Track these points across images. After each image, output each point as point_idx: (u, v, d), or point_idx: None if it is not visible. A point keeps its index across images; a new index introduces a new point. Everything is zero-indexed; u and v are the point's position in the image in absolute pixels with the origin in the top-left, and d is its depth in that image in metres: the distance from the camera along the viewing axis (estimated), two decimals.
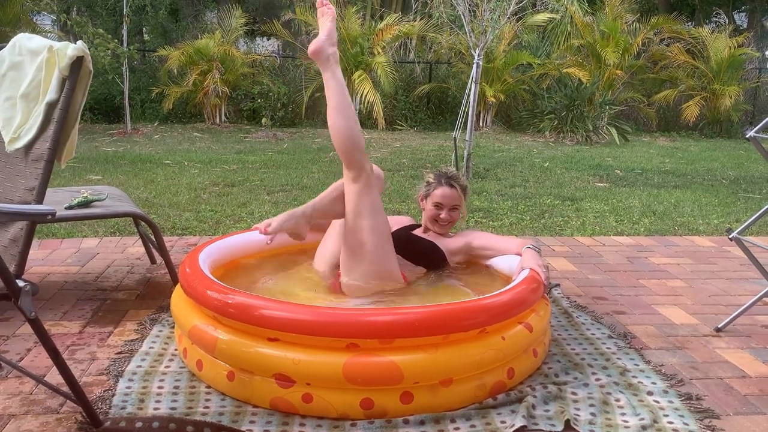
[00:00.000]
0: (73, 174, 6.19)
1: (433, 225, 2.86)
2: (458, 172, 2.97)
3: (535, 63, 11.84)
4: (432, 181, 2.88)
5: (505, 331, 2.18)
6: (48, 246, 3.83)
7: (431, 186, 2.86)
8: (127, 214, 3.05)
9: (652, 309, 3.08)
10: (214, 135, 10.16)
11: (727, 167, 8.17)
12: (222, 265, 2.72)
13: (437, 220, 2.83)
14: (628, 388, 2.24)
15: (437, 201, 2.81)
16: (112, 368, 2.29)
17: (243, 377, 2.07)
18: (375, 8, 13.83)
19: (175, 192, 5.43)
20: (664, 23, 12.21)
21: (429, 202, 2.85)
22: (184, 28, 13.89)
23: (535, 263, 2.49)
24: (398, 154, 8.47)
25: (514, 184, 6.37)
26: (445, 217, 2.81)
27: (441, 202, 2.81)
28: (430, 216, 2.85)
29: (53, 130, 2.62)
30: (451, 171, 2.93)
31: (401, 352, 1.99)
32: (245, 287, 2.65)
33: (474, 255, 2.89)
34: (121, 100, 10.42)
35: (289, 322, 2.00)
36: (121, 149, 8.26)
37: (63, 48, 2.60)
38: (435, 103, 12.73)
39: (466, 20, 6.70)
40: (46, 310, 2.83)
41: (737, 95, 11.93)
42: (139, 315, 2.81)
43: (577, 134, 10.61)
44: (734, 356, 2.57)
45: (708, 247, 4.28)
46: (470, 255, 2.89)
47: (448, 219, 2.82)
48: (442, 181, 2.84)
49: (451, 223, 2.86)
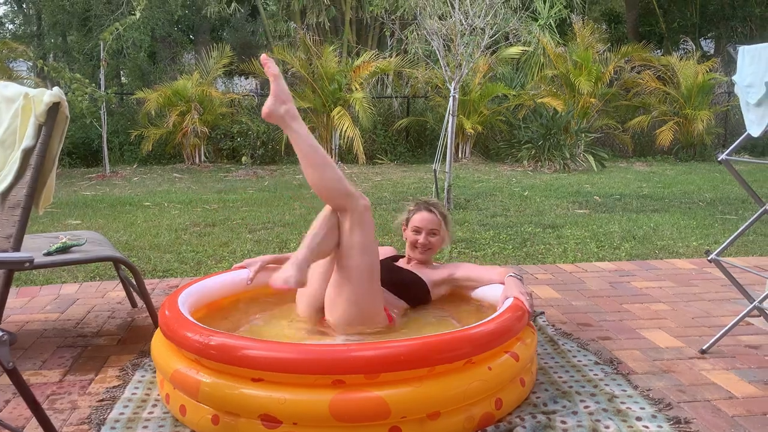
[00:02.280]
0: (51, 219, 6.13)
1: (413, 251, 2.88)
2: (440, 202, 3.02)
3: (510, 94, 12.03)
4: (412, 208, 2.94)
5: (492, 360, 2.17)
6: (26, 293, 3.77)
7: (411, 212, 2.92)
8: (107, 258, 3.02)
9: (637, 333, 3.09)
10: (193, 175, 10.14)
11: (704, 190, 8.30)
12: (204, 306, 2.69)
13: (416, 246, 2.85)
14: (617, 415, 2.23)
15: (416, 225, 2.86)
16: (94, 416, 2.24)
17: (228, 420, 2.04)
18: (351, 45, 14.02)
19: (156, 234, 5.39)
20: (633, 52, 12.51)
21: (409, 227, 2.90)
22: (162, 70, 13.96)
23: (518, 291, 2.51)
24: (379, 188, 8.50)
25: (495, 214, 6.41)
26: (424, 241, 2.83)
27: (419, 225, 2.85)
28: (409, 242, 2.89)
29: (30, 176, 2.61)
30: (432, 200, 2.99)
31: (387, 386, 1.97)
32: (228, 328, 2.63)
33: (458, 286, 2.89)
34: (100, 143, 10.39)
35: (272, 361, 1.98)
36: (100, 193, 8.21)
37: (39, 95, 2.60)
38: (414, 137, 12.85)
39: (440, 55, 6.81)
40: (24, 359, 2.77)
41: (709, 119, 12.19)
42: (120, 360, 2.76)
43: (554, 162, 10.74)
44: (720, 377, 2.58)
45: (688, 269, 4.32)
46: (453, 286, 2.89)
47: (426, 244, 2.84)
48: (421, 207, 2.90)
49: (431, 250, 2.87)
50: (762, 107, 2.60)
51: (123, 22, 10.10)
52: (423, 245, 2.84)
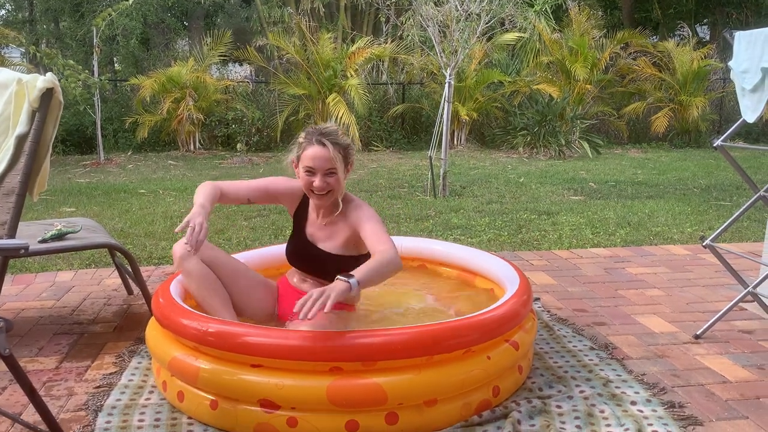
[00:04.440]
0: (45, 207, 6.11)
1: (311, 196, 2.40)
2: (338, 129, 2.41)
3: (506, 81, 12.00)
4: (301, 140, 2.38)
5: (491, 350, 2.17)
6: (22, 281, 3.76)
7: (301, 145, 2.37)
8: (102, 245, 3.01)
9: (632, 319, 3.10)
10: (188, 162, 10.10)
11: (698, 176, 8.32)
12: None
13: (312, 191, 2.36)
14: (611, 399, 2.25)
15: (307, 165, 2.32)
16: (91, 403, 2.25)
17: (226, 406, 2.04)
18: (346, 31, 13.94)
19: (151, 221, 5.37)
20: (630, 38, 12.48)
21: (300, 167, 2.37)
22: (156, 56, 13.86)
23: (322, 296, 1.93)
24: (375, 175, 8.49)
25: (491, 201, 6.41)
26: (320, 184, 2.32)
27: (312, 165, 2.32)
28: (304, 185, 2.38)
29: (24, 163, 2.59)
30: (327, 128, 2.39)
31: (384, 373, 1.98)
32: None
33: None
34: (94, 130, 10.33)
35: (272, 347, 1.99)
36: (94, 180, 8.17)
37: (32, 80, 2.58)
38: (409, 123, 12.82)
39: (436, 41, 6.78)
40: (21, 346, 2.77)
41: (704, 106, 12.19)
42: (117, 347, 2.76)
43: (550, 149, 10.74)
44: (714, 362, 2.60)
45: (683, 255, 4.34)
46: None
47: (323, 187, 2.32)
48: (313, 140, 2.33)
49: (331, 192, 2.36)
50: (758, 93, 2.60)
51: (116, 7, 10.02)
52: (320, 189, 2.33)
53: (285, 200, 2.58)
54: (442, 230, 5.10)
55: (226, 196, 2.45)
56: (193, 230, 2.17)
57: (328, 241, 2.47)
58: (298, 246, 2.54)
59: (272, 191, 2.54)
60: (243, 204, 2.59)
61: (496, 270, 2.81)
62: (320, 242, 2.48)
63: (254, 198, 2.52)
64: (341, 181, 2.36)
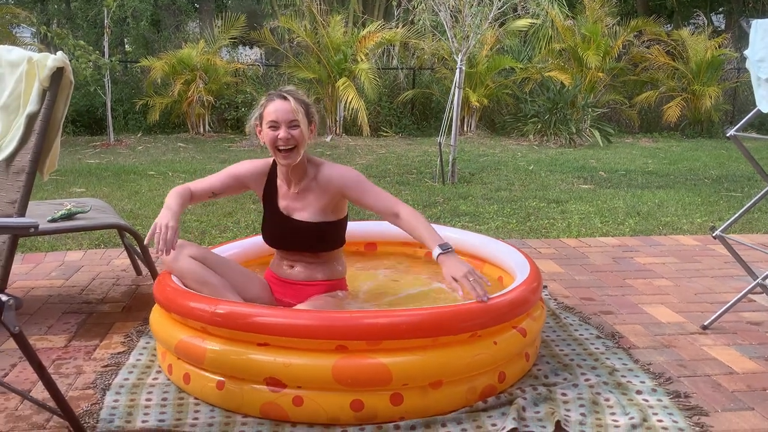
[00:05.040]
0: (56, 187, 6.14)
1: (278, 156, 2.35)
2: (298, 90, 2.42)
3: (517, 67, 11.91)
4: (263, 101, 2.38)
5: (498, 335, 2.17)
6: (31, 260, 3.78)
7: (262, 104, 2.37)
8: (111, 225, 3.02)
9: (639, 308, 3.10)
10: (198, 145, 10.11)
11: (710, 167, 8.26)
12: None
13: (278, 147, 2.31)
14: (617, 388, 2.25)
15: (271, 119, 2.30)
16: (99, 381, 2.27)
17: (232, 386, 2.06)
18: (357, 15, 13.85)
19: (160, 203, 5.35)
20: (643, 26, 12.34)
21: (264, 125, 2.35)
22: (166, 38, 13.83)
23: (461, 273, 2.12)
24: (384, 161, 8.47)
25: (500, 188, 6.39)
26: (285, 135, 2.28)
27: (275, 119, 2.30)
28: (269, 142, 2.33)
29: (34, 141, 2.60)
30: (288, 87, 2.42)
31: (390, 354, 1.99)
32: None
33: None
34: (104, 111, 10.34)
35: (278, 326, 2.00)
36: (104, 161, 8.20)
37: (43, 59, 2.58)
38: (419, 109, 12.76)
39: (448, 26, 6.73)
40: (30, 324, 2.79)
41: (717, 95, 12.06)
42: (125, 327, 2.78)
43: (560, 137, 10.68)
44: (721, 353, 2.59)
45: (692, 245, 4.32)
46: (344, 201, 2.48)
47: (288, 138, 2.29)
48: (274, 97, 2.34)
49: (296, 148, 2.32)
50: None
51: None
52: (284, 141, 2.29)
53: (252, 180, 2.51)
54: (450, 217, 5.09)
55: (195, 194, 2.45)
56: (161, 233, 2.21)
57: (304, 211, 2.44)
58: (275, 223, 2.49)
59: (238, 174, 2.50)
60: (209, 199, 2.56)
61: (506, 257, 2.80)
62: (296, 213, 2.45)
63: (219, 188, 2.47)
64: (305, 135, 2.33)
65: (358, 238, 3.25)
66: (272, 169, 2.50)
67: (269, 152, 2.41)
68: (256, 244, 2.94)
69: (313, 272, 2.49)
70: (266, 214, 2.55)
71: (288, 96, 2.32)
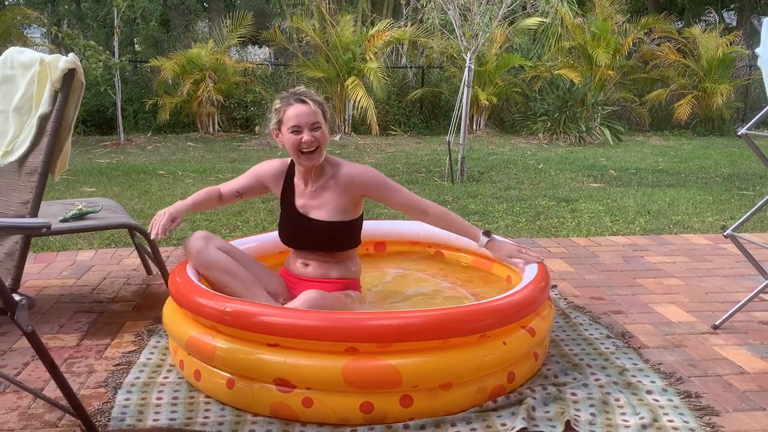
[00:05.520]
0: (67, 186, 6.18)
1: (301, 158, 2.38)
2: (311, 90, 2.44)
3: (526, 65, 11.87)
4: (279, 105, 2.39)
5: (507, 335, 2.16)
6: (43, 259, 3.81)
7: (280, 109, 2.37)
8: (122, 225, 3.04)
9: (650, 308, 3.08)
10: (207, 144, 10.15)
11: (721, 165, 8.20)
12: None
13: (302, 150, 2.35)
14: (627, 388, 2.24)
15: (292, 124, 2.33)
16: (110, 380, 2.28)
17: (243, 385, 2.07)
18: (366, 14, 13.84)
19: (170, 202, 5.37)
20: (654, 23, 12.27)
21: (284, 129, 2.36)
22: (176, 38, 13.88)
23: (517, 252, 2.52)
24: (393, 159, 8.47)
25: (509, 187, 6.38)
26: (308, 138, 2.32)
27: (297, 123, 2.32)
28: (291, 146, 2.36)
29: (46, 142, 2.62)
30: (300, 88, 2.43)
31: (400, 355, 1.99)
32: None
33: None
34: (114, 111, 10.40)
35: (288, 327, 2.00)
36: (114, 161, 8.24)
37: (54, 61, 2.60)
38: (428, 108, 12.75)
39: (457, 25, 6.72)
40: (42, 323, 2.82)
41: (728, 93, 11.98)
42: (136, 326, 2.80)
43: (570, 135, 10.64)
44: (732, 353, 2.58)
45: (703, 244, 4.29)
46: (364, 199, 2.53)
47: (311, 141, 2.33)
48: (291, 100, 2.35)
49: (318, 149, 2.36)
50: None
51: None
52: (308, 144, 2.32)
53: (270, 180, 2.57)
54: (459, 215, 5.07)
55: (223, 195, 2.58)
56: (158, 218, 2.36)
57: (320, 209, 2.47)
58: (291, 221, 2.53)
59: (258, 174, 2.58)
60: (236, 200, 2.65)
61: None
62: (312, 211, 2.49)
63: (243, 188, 2.57)
64: (326, 135, 2.39)
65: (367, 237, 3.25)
66: (290, 169, 2.54)
67: (287, 154, 2.46)
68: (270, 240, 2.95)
69: (327, 270, 2.51)
70: (283, 213, 2.58)
71: (306, 99, 2.35)
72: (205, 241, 2.42)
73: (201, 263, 2.41)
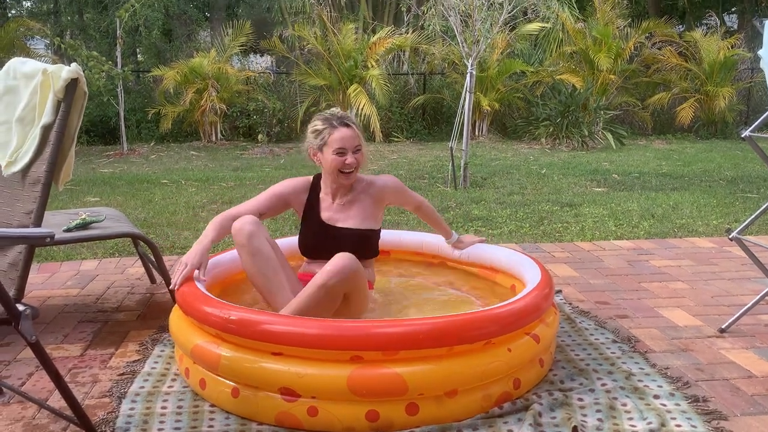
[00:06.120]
0: (70, 196, 6.19)
1: (340, 177, 2.52)
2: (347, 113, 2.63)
3: (528, 71, 11.88)
4: (322, 128, 2.50)
5: (512, 342, 2.15)
6: (47, 269, 3.82)
7: (324, 132, 2.49)
8: (125, 234, 3.04)
9: (655, 312, 3.07)
10: (210, 153, 10.17)
11: (724, 168, 8.18)
12: (218, 282, 2.71)
13: (343, 171, 2.49)
14: (634, 392, 2.23)
15: (339, 147, 2.46)
16: (115, 390, 2.28)
17: (247, 393, 2.06)
18: (367, 22, 13.89)
19: (173, 211, 5.42)
20: (655, 27, 12.28)
21: (328, 151, 2.48)
22: (178, 47, 13.94)
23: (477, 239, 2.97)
24: (396, 166, 8.48)
25: (512, 192, 6.37)
26: (352, 161, 2.47)
27: (343, 146, 2.46)
28: (334, 167, 2.49)
29: (50, 152, 2.62)
30: (339, 111, 2.58)
31: (405, 363, 1.98)
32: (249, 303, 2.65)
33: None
34: (117, 121, 10.43)
35: (292, 335, 2.00)
36: (118, 170, 8.26)
37: (57, 71, 2.61)
38: (430, 114, 12.77)
39: (458, 31, 6.73)
40: (47, 333, 2.81)
41: (731, 96, 11.97)
42: (140, 335, 2.80)
43: (572, 140, 10.63)
44: (739, 356, 2.56)
45: (708, 248, 4.27)
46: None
47: (355, 163, 2.48)
48: (335, 123, 2.48)
49: (357, 168, 2.53)
50: None
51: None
52: (351, 166, 2.48)
53: (294, 198, 2.66)
54: (462, 222, 5.08)
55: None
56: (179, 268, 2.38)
57: (348, 220, 2.58)
58: (315, 232, 2.59)
59: (282, 193, 2.64)
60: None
61: (516, 265, 2.77)
62: (339, 222, 2.58)
63: (265, 208, 2.61)
64: (365, 156, 2.56)
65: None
66: (314, 185, 2.66)
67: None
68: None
69: None
70: (306, 226, 2.63)
71: (350, 123, 2.51)
72: (257, 226, 2.43)
73: (249, 247, 2.41)
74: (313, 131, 2.52)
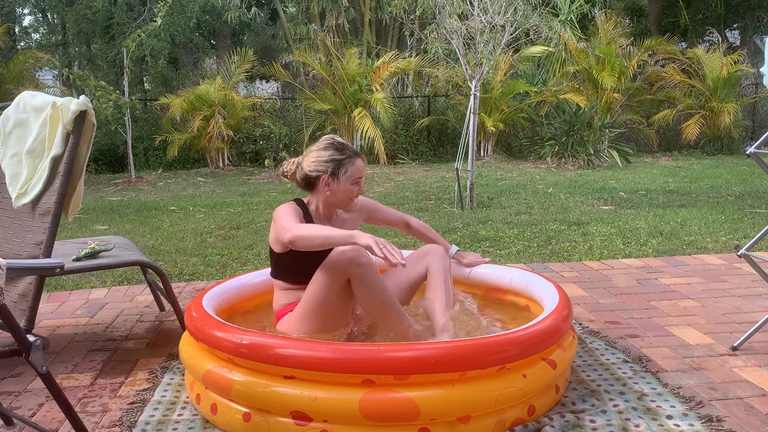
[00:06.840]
0: (79, 225, 6.23)
1: (348, 204, 2.60)
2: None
3: (532, 91, 11.94)
4: (340, 157, 2.50)
5: (527, 368, 2.12)
6: (57, 299, 3.83)
7: (344, 162, 2.49)
8: (134, 262, 3.05)
9: (666, 330, 3.05)
10: (218, 179, 10.23)
11: (732, 183, 8.16)
12: (227, 308, 2.72)
13: (352, 198, 2.58)
14: (647, 413, 2.20)
15: (358, 176, 2.52)
16: (125, 419, 2.27)
17: (259, 419, 2.05)
18: (371, 46, 14.03)
19: (181, 238, 5.45)
20: (657, 45, 12.35)
21: (348, 180, 2.50)
22: (184, 75, 14.11)
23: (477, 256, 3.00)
24: (401, 188, 8.50)
25: (519, 212, 6.37)
26: (363, 189, 2.58)
27: (360, 176, 2.53)
28: (347, 195, 2.54)
29: (59, 183, 2.65)
30: (342, 139, 2.60)
31: (417, 388, 1.97)
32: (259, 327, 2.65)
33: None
34: (125, 149, 10.53)
35: (304, 359, 1.99)
36: (126, 198, 8.32)
37: (66, 103, 2.65)
38: (435, 136, 12.83)
39: (460, 53, 6.79)
40: (57, 363, 2.82)
41: (736, 112, 11.98)
42: (150, 363, 2.80)
43: (578, 159, 10.65)
44: (753, 374, 2.53)
45: (718, 264, 4.25)
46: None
47: (365, 190, 2.62)
48: (352, 155, 2.53)
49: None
50: None
51: (145, 28, 10.23)
52: (362, 192, 2.59)
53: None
54: (470, 242, 5.07)
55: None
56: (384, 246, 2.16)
57: None
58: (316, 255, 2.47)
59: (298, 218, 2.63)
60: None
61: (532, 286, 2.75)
62: None
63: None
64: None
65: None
66: (303, 210, 2.58)
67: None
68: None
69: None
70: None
71: (361, 154, 2.60)
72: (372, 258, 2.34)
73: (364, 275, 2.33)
74: (330, 160, 2.48)
